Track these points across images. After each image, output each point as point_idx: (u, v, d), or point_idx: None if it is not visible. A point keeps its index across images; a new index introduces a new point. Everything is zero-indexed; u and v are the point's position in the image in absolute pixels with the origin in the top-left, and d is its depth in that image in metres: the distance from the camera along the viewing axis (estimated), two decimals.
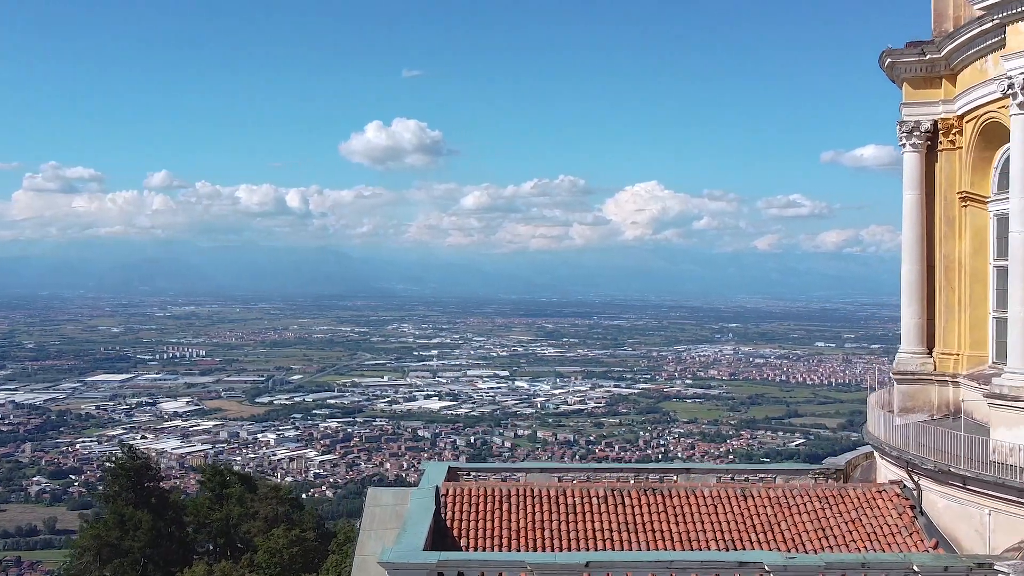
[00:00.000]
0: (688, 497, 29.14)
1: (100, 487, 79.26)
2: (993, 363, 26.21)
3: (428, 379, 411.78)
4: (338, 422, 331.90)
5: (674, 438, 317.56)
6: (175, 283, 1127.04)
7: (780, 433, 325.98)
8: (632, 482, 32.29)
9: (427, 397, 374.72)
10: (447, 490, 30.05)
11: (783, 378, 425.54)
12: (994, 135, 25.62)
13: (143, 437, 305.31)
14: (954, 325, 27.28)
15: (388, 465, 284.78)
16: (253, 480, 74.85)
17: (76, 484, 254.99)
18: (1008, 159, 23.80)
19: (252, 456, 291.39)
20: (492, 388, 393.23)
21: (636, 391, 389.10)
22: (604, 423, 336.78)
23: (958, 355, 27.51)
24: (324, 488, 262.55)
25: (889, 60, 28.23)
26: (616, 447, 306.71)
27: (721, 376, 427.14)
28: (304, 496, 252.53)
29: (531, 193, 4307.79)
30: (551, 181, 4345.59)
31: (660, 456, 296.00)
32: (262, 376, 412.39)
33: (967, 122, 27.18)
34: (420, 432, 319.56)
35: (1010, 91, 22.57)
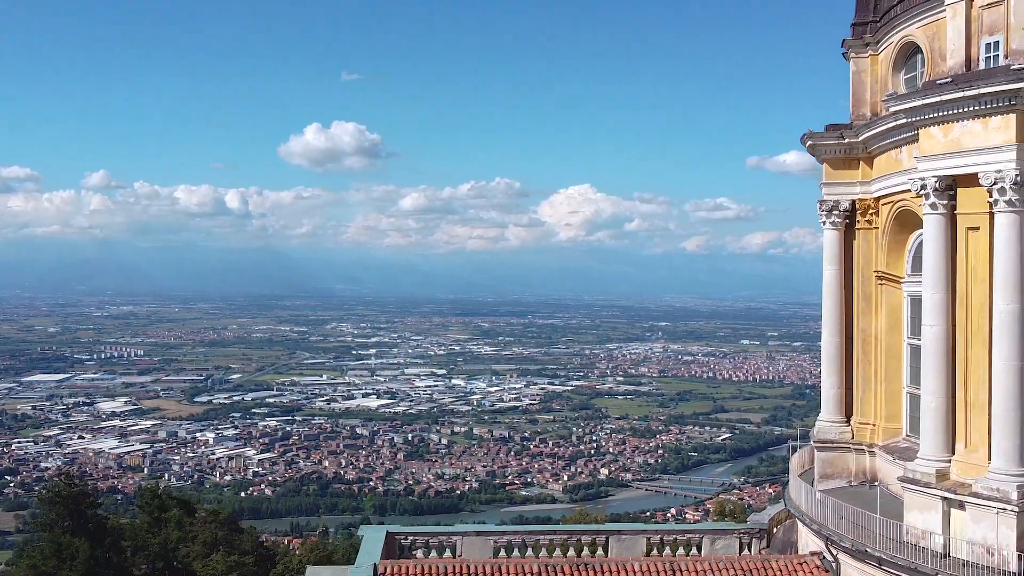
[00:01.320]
0: (619, 574, 29.05)
1: (37, 516, 76.81)
2: (907, 436, 26.68)
3: (366, 377, 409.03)
4: (277, 421, 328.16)
5: (606, 434, 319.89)
6: (113, 283, 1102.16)
7: (707, 428, 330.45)
8: (566, 557, 31.89)
9: (365, 395, 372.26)
10: (384, 569, 29.31)
11: (710, 375, 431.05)
12: (908, 220, 26.01)
13: (80, 437, 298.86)
14: (871, 396, 27.69)
15: (327, 463, 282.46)
16: (191, 504, 73.24)
17: (12, 485, 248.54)
18: (921, 244, 24.36)
19: (191, 455, 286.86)
20: (429, 386, 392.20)
21: (569, 388, 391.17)
22: (538, 420, 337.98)
23: (874, 425, 27.78)
24: (263, 486, 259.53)
25: (810, 142, 28.59)
26: (550, 443, 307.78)
27: (651, 373, 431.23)
28: (243, 494, 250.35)
29: (468, 195, 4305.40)
30: (488, 183, 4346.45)
31: (592, 451, 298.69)
32: (201, 375, 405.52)
33: (883, 204, 27.52)
34: (358, 430, 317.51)
35: (923, 191, 22.90)
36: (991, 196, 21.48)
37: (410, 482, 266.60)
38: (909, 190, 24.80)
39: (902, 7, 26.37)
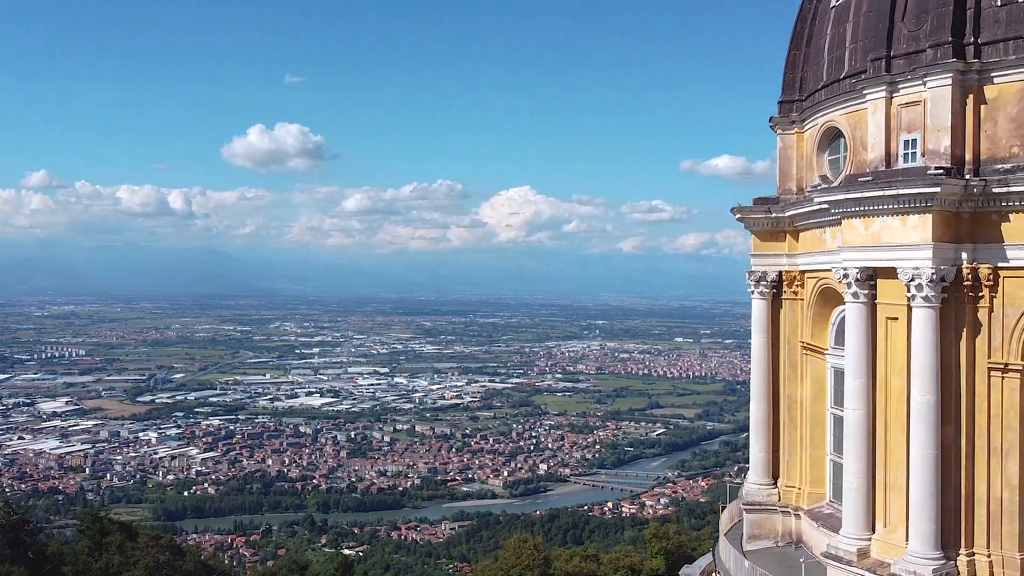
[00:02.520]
0: None
1: None
2: (830, 501, 27.11)
3: (310, 376, 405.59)
4: (220, 420, 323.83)
5: (545, 430, 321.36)
6: (54, 283, 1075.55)
7: (643, 424, 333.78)
8: None
9: (308, 394, 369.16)
10: None
11: (645, 372, 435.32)
12: (831, 296, 26.38)
13: (20, 438, 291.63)
14: (796, 461, 28.05)
15: (270, 461, 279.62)
16: (133, 528, 71.68)
17: None
18: (844, 319, 24.86)
19: (133, 455, 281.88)
20: (372, 384, 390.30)
21: (510, 385, 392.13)
22: (479, 417, 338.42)
23: (800, 489, 28.12)
24: (206, 485, 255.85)
25: (739, 215, 29.06)
26: (490, 439, 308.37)
27: (589, 370, 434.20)
28: (186, 493, 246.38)
29: (410, 196, 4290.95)
30: (430, 185, 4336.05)
31: (532, 447, 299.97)
32: (143, 375, 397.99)
33: (808, 278, 27.95)
34: (302, 428, 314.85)
35: (845, 279, 23.27)
36: (909, 291, 21.95)
37: (353, 479, 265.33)
38: (832, 270, 25.25)
39: (826, 93, 26.77)
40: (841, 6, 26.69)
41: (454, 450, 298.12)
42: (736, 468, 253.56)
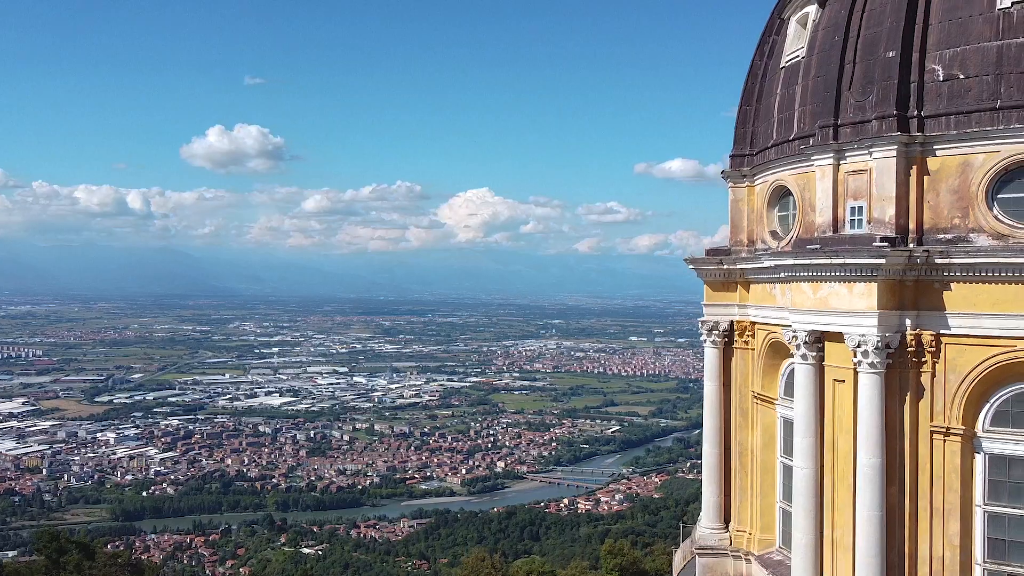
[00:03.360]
0: None
1: None
2: (779, 547, 27.21)
3: (269, 376, 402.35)
4: (179, 420, 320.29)
5: (502, 428, 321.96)
6: (11, 283, 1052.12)
7: (598, 421, 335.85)
8: None
9: (268, 393, 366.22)
10: None
11: (601, 370, 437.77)
12: (780, 349, 26.58)
13: None
14: (747, 506, 28.21)
15: (229, 461, 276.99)
16: (91, 547, 70.39)
17: None
18: (793, 371, 25.17)
19: (91, 456, 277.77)
20: (331, 384, 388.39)
21: (468, 384, 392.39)
22: (438, 415, 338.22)
23: (750, 534, 28.25)
24: (165, 485, 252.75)
25: (692, 266, 29.30)
26: (449, 438, 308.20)
27: (545, 369, 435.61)
28: (144, 494, 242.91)
29: (370, 197, 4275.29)
30: (389, 186, 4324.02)
31: (490, 445, 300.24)
32: (101, 375, 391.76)
33: (759, 329, 28.04)
34: (261, 428, 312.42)
35: (794, 341, 23.63)
36: (855, 356, 22.23)
37: (312, 478, 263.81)
38: (781, 324, 25.50)
39: (775, 152, 26.97)
40: (790, 67, 26.92)
41: (413, 448, 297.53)
42: (689, 464, 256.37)
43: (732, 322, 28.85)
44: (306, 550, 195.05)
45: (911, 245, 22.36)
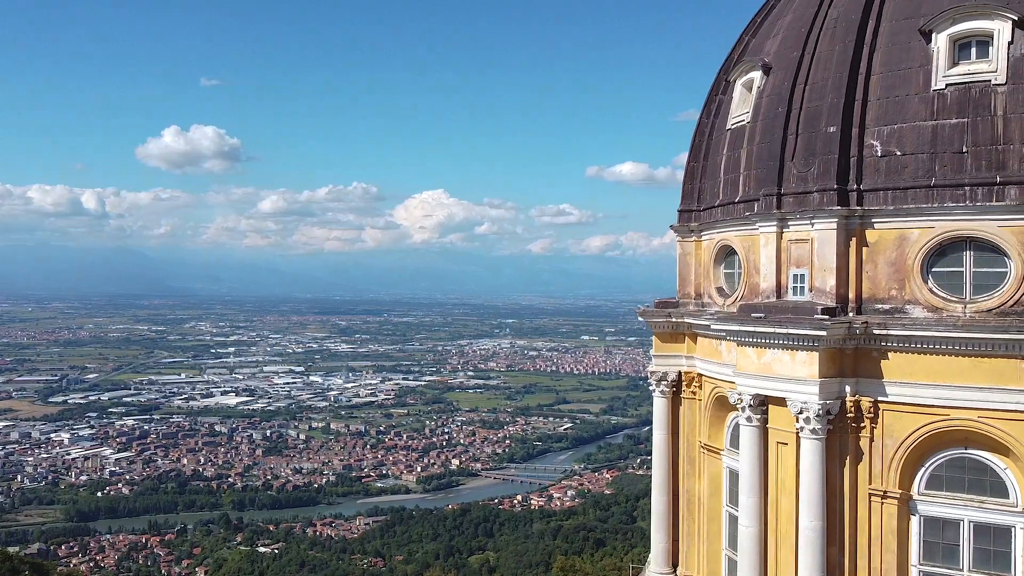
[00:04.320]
0: None
1: None
2: None
3: (225, 375, 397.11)
4: (134, 420, 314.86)
5: (457, 426, 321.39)
6: None
7: (551, 419, 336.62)
8: None
9: (224, 393, 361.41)
10: None
11: (553, 368, 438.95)
12: (726, 402, 26.76)
13: None
14: (694, 552, 28.39)
15: (185, 461, 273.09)
16: (45, 567, 68.95)
17: None
18: (737, 424, 25.47)
19: (45, 456, 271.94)
20: (288, 383, 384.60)
21: (423, 383, 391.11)
22: (393, 414, 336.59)
23: None
24: (120, 485, 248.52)
25: (642, 317, 29.58)
26: (404, 436, 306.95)
27: (499, 368, 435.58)
28: (99, 494, 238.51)
29: (326, 198, 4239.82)
30: (345, 188, 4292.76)
31: (445, 443, 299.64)
32: (56, 375, 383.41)
33: (706, 381, 28.17)
34: (217, 427, 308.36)
35: (739, 403, 23.92)
36: (798, 422, 22.58)
37: (268, 477, 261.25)
38: (726, 380, 25.79)
39: (722, 212, 27.25)
40: (736, 130, 27.21)
41: (368, 447, 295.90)
42: (639, 460, 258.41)
43: (680, 372, 29.09)
44: (262, 549, 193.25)
45: (851, 314, 22.76)
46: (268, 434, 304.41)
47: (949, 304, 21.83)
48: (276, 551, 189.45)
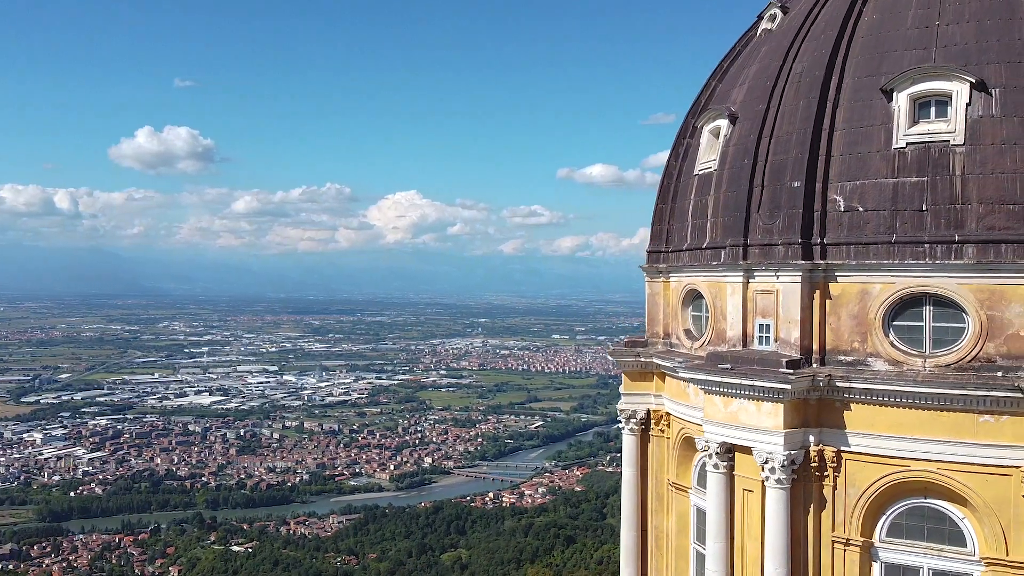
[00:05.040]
0: None
1: None
2: None
3: (199, 375, 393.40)
4: (108, 419, 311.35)
5: (430, 424, 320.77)
6: None
7: (522, 417, 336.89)
8: None
9: (198, 392, 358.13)
10: None
11: (525, 367, 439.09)
12: (693, 442, 26.99)
13: None
14: None
15: (159, 460, 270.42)
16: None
17: None
18: (704, 464, 25.53)
19: (17, 456, 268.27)
20: (261, 382, 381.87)
21: (396, 382, 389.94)
22: (366, 412, 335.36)
23: None
24: (93, 485, 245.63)
25: (612, 358, 29.65)
26: (377, 434, 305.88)
27: (471, 366, 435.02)
28: (72, 494, 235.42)
29: (300, 199, 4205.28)
30: (319, 188, 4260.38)
31: (417, 441, 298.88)
32: (28, 375, 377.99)
33: (674, 420, 28.19)
34: (191, 427, 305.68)
35: (707, 451, 24.12)
36: (763, 472, 22.73)
37: (242, 476, 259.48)
38: (693, 422, 25.89)
39: (690, 256, 27.34)
40: (703, 176, 27.31)
41: (342, 445, 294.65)
42: (609, 458, 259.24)
43: (649, 411, 29.16)
44: (236, 548, 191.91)
45: (815, 365, 22.95)
46: (242, 433, 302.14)
47: (909, 358, 22.06)
48: (250, 550, 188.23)
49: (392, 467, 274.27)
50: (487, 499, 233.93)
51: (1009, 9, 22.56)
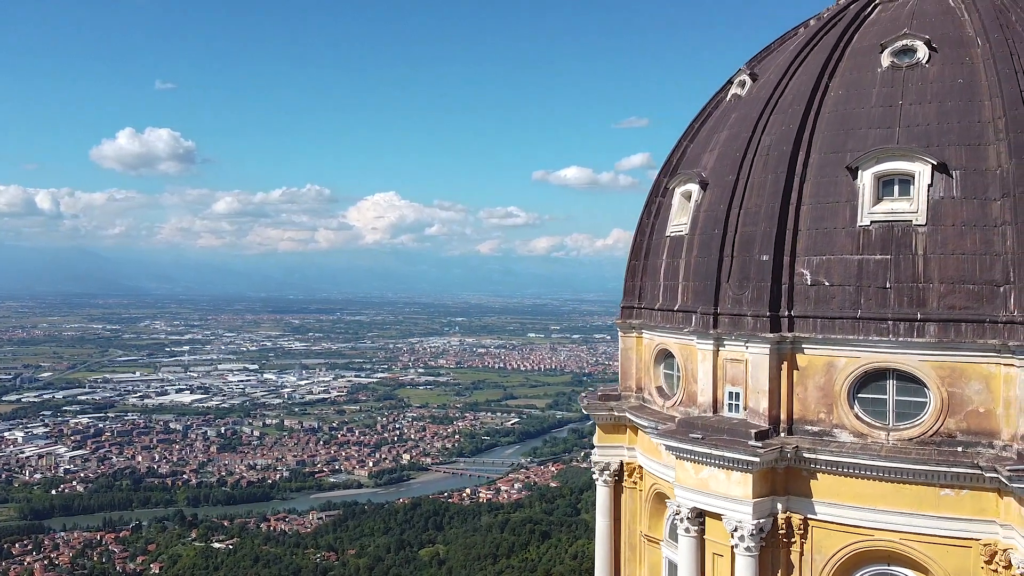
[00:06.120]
0: None
1: None
2: None
3: (180, 373, 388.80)
4: (89, 418, 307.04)
5: (408, 422, 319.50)
6: None
7: (499, 414, 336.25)
8: None
9: (179, 391, 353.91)
10: None
11: (501, 365, 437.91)
12: (664, 496, 27.12)
13: None
14: None
15: (140, 458, 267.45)
16: None
17: None
18: (675, 519, 25.53)
19: None
20: (242, 380, 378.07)
21: (375, 380, 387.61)
22: (346, 410, 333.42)
23: None
24: (75, 483, 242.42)
25: (587, 411, 29.70)
26: (356, 432, 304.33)
27: (449, 365, 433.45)
28: (54, 492, 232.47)
29: (280, 200, 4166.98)
30: (299, 190, 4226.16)
31: (396, 438, 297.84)
32: (9, 374, 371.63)
33: (647, 473, 28.18)
34: (172, 425, 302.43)
35: (678, 516, 24.24)
36: (732, 539, 22.82)
37: (223, 473, 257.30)
38: (666, 481, 25.90)
39: (662, 316, 27.42)
40: (675, 238, 27.36)
41: (321, 443, 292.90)
42: (583, 454, 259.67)
43: (622, 462, 29.18)
44: (217, 544, 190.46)
45: (783, 434, 23.08)
46: (223, 431, 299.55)
47: (874, 431, 22.24)
48: (230, 547, 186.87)
49: (371, 464, 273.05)
50: (464, 495, 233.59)
51: (969, 91, 22.80)
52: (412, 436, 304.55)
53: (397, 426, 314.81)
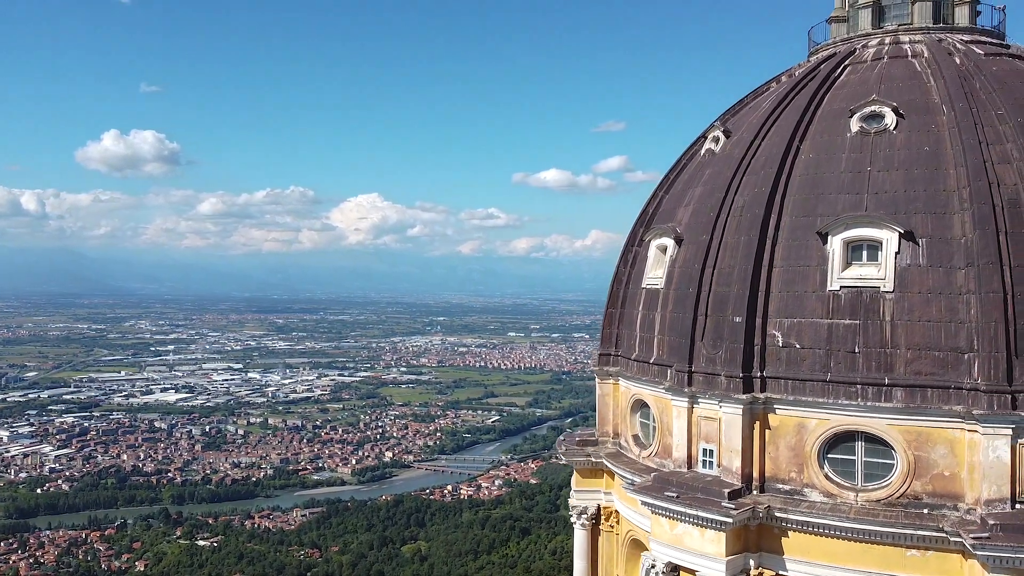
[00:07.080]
0: None
1: None
2: None
3: (165, 373, 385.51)
4: (74, 417, 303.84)
5: (390, 420, 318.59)
6: None
7: (480, 412, 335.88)
8: None
9: (164, 390, 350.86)
10: None
11: (482, 364, 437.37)
12: (640, 543, 27.21)
13: None
14: None
15: (125, 457, 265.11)
16: None
17: None
18: (654, 563, 25.68)
19: None
20: (226, 379, 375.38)
21: (357, 379, 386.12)
22: (329, 409, 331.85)
23: None
24: (60, 482, 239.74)
25: (565, 458, 29.73)
26: (339, 430, 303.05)
27: (431, 363, 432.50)
28: (39, 491, 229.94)
29: (264, 201, 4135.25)
30: (283, 191, 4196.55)
31: (378, 436, 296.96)
32: None
33: (623, 518, 28.20)
34: (157, 423, 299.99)
35: (653, 570, 24.29)
36: None
37: (207, 472, 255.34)
38: (642, 528, 25.93)
39: (638, 368, 27.47)
40: (650, 291, 27.39)
41: (305, 441, 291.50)
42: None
43: (599, 506, 29.18)
44: (201, 542, 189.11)
45: (755, 492, 23.18)
46: (207, 430, 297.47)
47: (843, 491, 22.38)
48: (215, 544, 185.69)
49: (354, 461, 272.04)
50: (446, 492, 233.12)
51: (935, 159, 22.97)
52: (395, 434, 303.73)
53: (380, 424, 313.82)
